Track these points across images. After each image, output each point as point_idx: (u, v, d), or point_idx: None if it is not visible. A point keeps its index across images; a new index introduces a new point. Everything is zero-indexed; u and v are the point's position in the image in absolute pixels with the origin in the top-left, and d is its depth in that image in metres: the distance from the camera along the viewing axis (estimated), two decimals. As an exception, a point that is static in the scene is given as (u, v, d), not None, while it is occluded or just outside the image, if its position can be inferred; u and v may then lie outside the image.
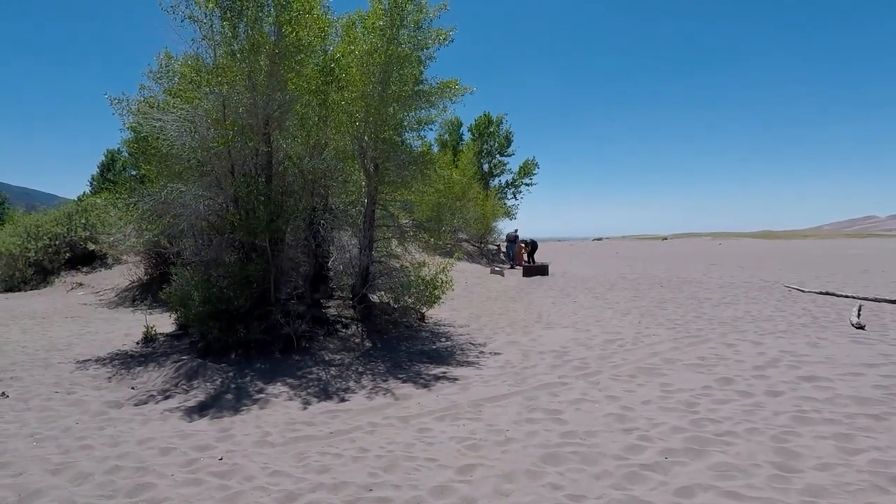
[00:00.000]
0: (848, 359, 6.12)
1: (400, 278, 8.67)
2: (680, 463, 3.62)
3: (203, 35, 7.26)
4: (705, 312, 9.61)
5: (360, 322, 8.27)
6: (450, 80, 7.78)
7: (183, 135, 7.25)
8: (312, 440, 4.26)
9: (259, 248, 7.61)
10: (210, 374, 6.10)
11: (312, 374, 6.22)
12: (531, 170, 29.33)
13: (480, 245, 23.74)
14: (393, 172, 8.25)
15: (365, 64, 7.48)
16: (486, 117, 28.96)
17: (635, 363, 6.27)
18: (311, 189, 8.56)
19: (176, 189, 7.29)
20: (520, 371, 6.15)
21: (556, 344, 7.43)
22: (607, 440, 4.04)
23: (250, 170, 7.83)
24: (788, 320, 8.63)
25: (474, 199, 22.10)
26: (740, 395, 5.00)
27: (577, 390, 5.30)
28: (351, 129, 7.77)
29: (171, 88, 8.23)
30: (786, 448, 3.78)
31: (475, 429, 4.37)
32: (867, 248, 37.65)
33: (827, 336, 7.32)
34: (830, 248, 38.76)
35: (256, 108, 7.51)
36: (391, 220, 8.93)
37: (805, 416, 4.39)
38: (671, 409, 4.66)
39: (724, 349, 6.78)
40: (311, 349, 7.20)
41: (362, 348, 7.38)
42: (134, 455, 3.93)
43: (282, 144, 8.12)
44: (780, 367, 5.87)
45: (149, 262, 13.91)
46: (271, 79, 7.48)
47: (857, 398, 4.80)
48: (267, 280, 7.67)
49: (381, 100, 7.60)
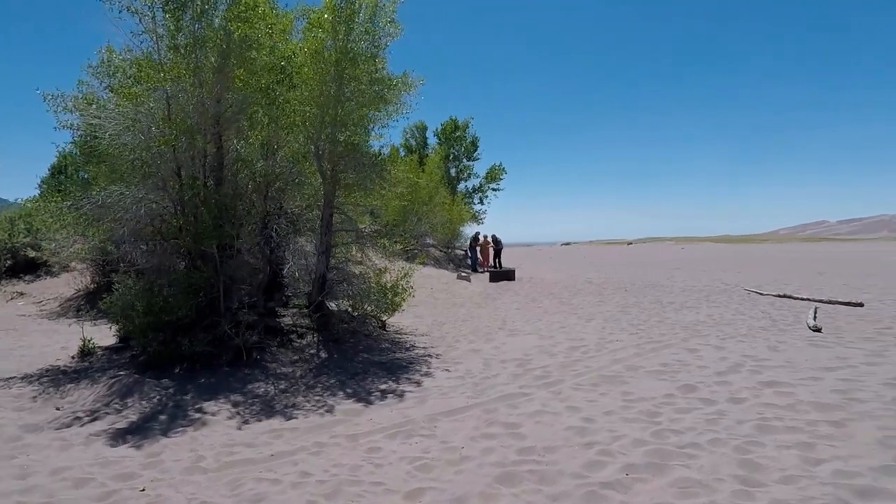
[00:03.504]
0: (807, 363, 6.11)
1: (359, 285, 8.33)
2: (641, 480, 3.43)
3: (145, 28, 6.81)
4: (668, 317, 9.60)
5: (317, 331, 7.89)
6: (402, 73, 7.53)
7: (123, 133, 6.77)
8: (250, 464, 3.90)
9: (207, 254, 7.17)
10: (147, 392, 5.63)
11: (260, 389, 5.83)
12: (498, 175, 29.34)
13: (447, 250, 23.53)
14: (351, 175, 7.93)
15: (317, 62, 7.16)
16: (453, 122, 28.85)
17: (598, 371, 6.12)
18: (264, 192, 8.16)
19: (115, 192, 6.80)
20: (480, 381, 5.91)
21: (519, 352, 7.23)
22: (567, 456, 3.82)
23: (198, 172, 7.39)
24: (749, 324, 8.68)
25: (441, 204, 21.89)
26: (703, 403, 4.88)
27: (538, 401, 5.09)
28: (305, 130, 7.42)
29: (111, 85, 7.73)
30: (749, 460, 3.64)
31: (428, 447, 4.09)
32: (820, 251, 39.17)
33: (786, 339, 7.35)
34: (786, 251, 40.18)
35: (205, 106, 7.09)
36: (350, 225, 8.59)
37: (767, 425, 4.29)
38: (633, 420, 4.49)
39: (687, 355, 6.71)
40: (262, 361, 6.80)
41: (317, 359, 7.02)
42: (42, 489, 3.50)
43: (234, 145, 7.71)
44: (742, 373, 5.81)
45: (95, 270, 13.12)
46: (220, 76, 7.08)
47: (818, 404, 4.73)
48: (215, 288, 7.22)
49: (336, 99, 7.29)
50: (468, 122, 29.03)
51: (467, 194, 29.14)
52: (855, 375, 5.56)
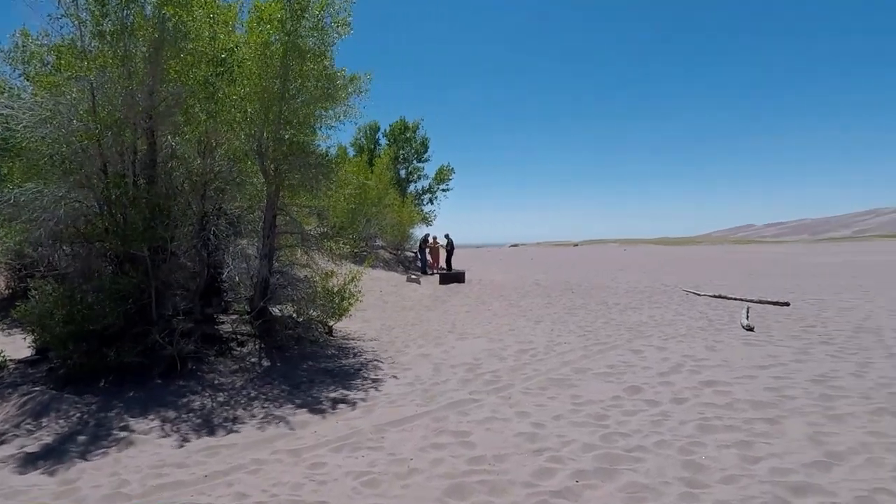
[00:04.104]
0: (742, 361, 6.39)
1: (305, 289, 8.02)
2: (591, 486, 3.42)
3: (65, 11, 6.26)
4: (613, 318, 9.84)
5: (259, 338, 7.52)
6: (353, 74, 7.31)
7: (40, 126, 6.19)
8: (181, 487, 3.60)
9: (137, 257, 6.68)
10: (65, 409, 5.14)
11: (196, 403, 5.46)
12: (447, 175, 29.32)
13: (397, 252, 23.28)
14: (296, 176, 7.61)
15: (263, 57, 6.82)
16: (402, 122, 28.59)
17: (547, 374, 6.14)
18: (201, 192, 7.70)
19: (31, 189, 6.22)
20: (429, 388, 5.79)
21: (468, 356, 7.17)
22: (517, 464, 3.76)
23: (127, 169, 6.87)
24: (688, 324, 9.02)
25: (391, 206, 21.61)
26: (648, 405, 4.97)
27: (488, 407, 5.03)
28: (247, 128, 7.05)
29: (27, 72, 7.08)
30: (693, 461, 3.71)
31: (375, 460, 3.93)
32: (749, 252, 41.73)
33: (722, 339, 7.68)
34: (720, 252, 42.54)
35: (135, 99, 6.60)
36: (295, 227, 8.25)
37: (708, 424, 4.41)
38: (582, 424, 4.51)
39: (632, 356, 6.86)
40: (199, 372, 6.39)
41: (259, 368, 6.68)
42: (-69, 527, 3.08)
43: (169, 142, 7.23)
44: (683, 373, 5.99)
45: (10, 275, 12.01)
46: (153, 67, 6.61)
47: (753, 402, 4.93)
48: (146, 294, 6.73)
49: (281, 96, 6.97)
50: (418, 123, 28.87)
51: (417, 196, 28.96)
52: (785, 373, 5.85)
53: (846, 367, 6.02)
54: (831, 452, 3.81)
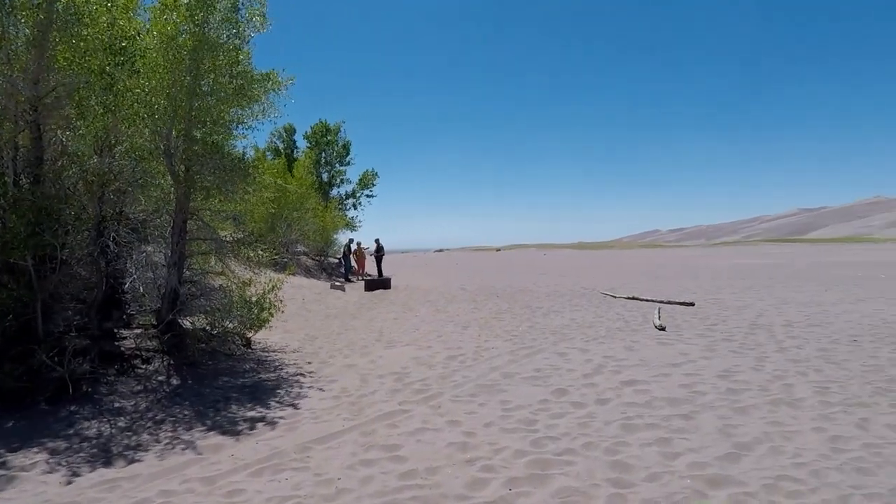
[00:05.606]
0: (657, 360, 6.75)
1: (219, 299, 7.48)
2: (524, 493, 3.40)
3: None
4: (538, 322, 10.09)
5: (167, 354, 6.88)
6: (269, 70, 6.94)
7: None
8: (71, 530, 3.15)
9: (18, 268, 5.89)
10: (-77, 447, 4.37)
11: (91, 430, 4.85)
12: (371, 180, 28.97)
13: (320, 258, 22.56)
14: (209, 178, 7.07)
15: (169, 48, 6.28)
16: (324, 125, 27.86)
17: (476, 380, 6.12)
18: (99, 194, 6.94)
19: None
20: (356, 400, 5.57)
21: (396, 365, 7.01)
22: (450, 476, 3.67)
23: (6, 167, 6.05)
24: (607, 325, 9.44)
25: (313, 210, 20.92)
26: (574, 407, 5.08)
27: (418, 418, 4.90)
28: (152, 124, 6.45)
29: None
30: (619, 461, 3.82)
31: (300, 482, 3.67)
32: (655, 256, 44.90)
33: (638, 339, 8.09)
34: (631, 256, 45.42)
35: (16, 88, 5.83)
36: (209, 233, 7.67)
37: (631, 423, 4.58)
38: (512, 430, 4.51)
39: (557, 359, 7.04)
40: (94, 395, 5.72)
41: (168, 387, 6.10)
42: None
43: (59, 137, 6.45)
44: (605, 373, 6.22)
45: None
46: (38, 52, 5.88)
47: (669, 399, 5.20)
48: (30, 309, 5.94)
49: (191, 92, 6.45)
50: (339, 126, 28.26)
51: (341, 200, 28.31)
52: (695, 370, 6.25)
53: (746, 361, 6.54)
54: (739, 444, 4.08)
